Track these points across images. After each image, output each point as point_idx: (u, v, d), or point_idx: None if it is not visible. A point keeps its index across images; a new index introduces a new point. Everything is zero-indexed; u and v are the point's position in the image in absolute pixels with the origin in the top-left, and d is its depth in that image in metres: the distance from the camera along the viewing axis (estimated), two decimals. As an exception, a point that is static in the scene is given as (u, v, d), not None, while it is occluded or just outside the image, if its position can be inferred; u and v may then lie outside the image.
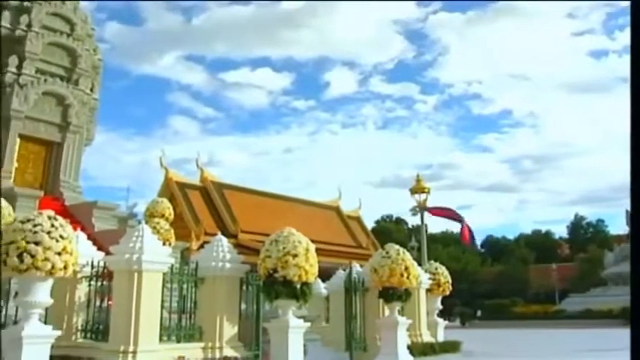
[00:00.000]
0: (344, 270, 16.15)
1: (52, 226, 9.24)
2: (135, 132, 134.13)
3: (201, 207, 34.96)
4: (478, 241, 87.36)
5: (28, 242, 8.92)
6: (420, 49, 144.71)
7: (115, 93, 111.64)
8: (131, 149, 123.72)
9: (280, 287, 11.67)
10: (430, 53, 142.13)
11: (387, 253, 14.97)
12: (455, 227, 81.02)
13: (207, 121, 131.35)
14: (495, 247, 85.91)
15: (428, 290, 19.07)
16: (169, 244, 14.60)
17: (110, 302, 10.87)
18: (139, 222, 15.96)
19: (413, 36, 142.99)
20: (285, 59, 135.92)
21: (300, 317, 12.29)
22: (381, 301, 15.01)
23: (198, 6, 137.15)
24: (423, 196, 29.47)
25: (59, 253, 9.09)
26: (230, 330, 11.80)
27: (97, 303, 11.30)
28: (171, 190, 34.71)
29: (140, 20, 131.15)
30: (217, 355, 11.42)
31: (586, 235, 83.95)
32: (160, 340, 10.58)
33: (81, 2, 25.04)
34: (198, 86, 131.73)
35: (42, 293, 9.16)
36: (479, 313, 55.97)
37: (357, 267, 15.92)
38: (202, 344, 11.42)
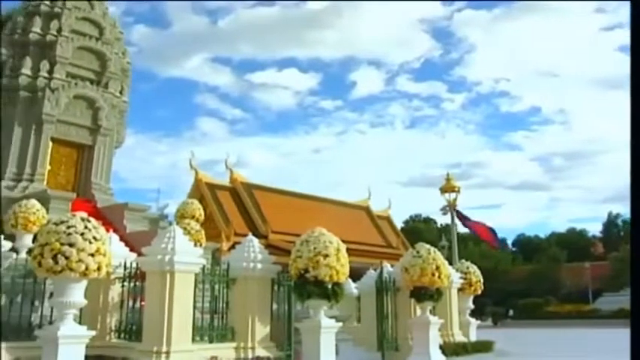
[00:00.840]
0: (375, 270, 16.09)
1: (86, 227, 9.32)
2: (164, 134, 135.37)
3: (231, 208, 35.10)
4: (509, 241, 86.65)
5: (62, 244, 9.01)
6: (446, 47, 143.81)
7: (144, 95, 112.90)
8: (160, 151, 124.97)
9: (312, 287, 11.68)
10: (457, 51, 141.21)
11: (418, 252, 14.88)
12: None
13: (235, 122, 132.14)
14: (527, 245, 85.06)
15: (459, 289, 18.92)
16: (200, 245, 14.64)
17: (143, 303, 10.92)
18: (170, 223, 16.06)
19: (439, 34, 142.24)
20: (311, 60, 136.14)
21: (331, 317, 12.26)
22: (412, 300, 14.93)
23: (223, 8, 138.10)
24: (453, 195, 29.29)
25: (93, 255, 9.17)
26: (262, 330, 11.80)
27: (130, 303, 11.37)
28: (201, 191, 34.92)
29: (166, 23, 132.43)
30: (250, 356, 11.43)
31: (620, 234, 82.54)
32: (193, 340, 10.62)
33: (109, 7, 25.32)
34: (226, 88, 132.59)
35: (76, 294, 9.26)
36: (511, 312, 55.38)
37: (387, 267, 15.84)
38: (235, 344, 11.45)
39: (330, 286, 11.79)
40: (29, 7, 23.06)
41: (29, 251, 11.09)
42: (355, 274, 14.96)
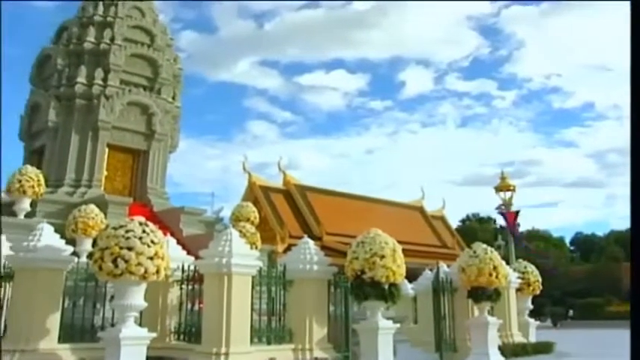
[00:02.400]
0: (431, 270, 15.91)
1: (144, 231, 9.45)
2: (216, 138, 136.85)
3: (285, 210, 35.26)
4: (567, 238, 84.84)
5: (121, 248, 9.16)
6: (494, 44, 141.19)
7: (195, 100, 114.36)
8: (213, 155, 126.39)
9: (368, 288, 11.63)
10: (505, 48, 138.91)
11: (475, 252, 14.66)
12: (541, 225, 79.17)
13: (286, 124, 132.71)
14: (584, 244, 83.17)
15: (517, 290, 18.55)
16: (256, 248, 14.73)
17: (201, 305, 11.01)
18: (226, 227, 16.20)
19: (487, 31, 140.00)
20: (358, 60, 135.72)
21: (388, 318, 12.17)
22: (470, 301, 14.70)
23: (269, 11, 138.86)
24: (509, 193, 28.81)
25: (151, 258, 9.29)
26: (319, 331, 11.78)
27: (189, 306, 11.48)
28: (255, 194, 35.18)
29: (214, 28, 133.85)
30: (307, 357, 11.44)
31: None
32: (251, 341, 10.67)
33: (158, 14, 25.72)
34: (274, 90, 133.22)
35: (136, 297, 9.41)
36: (571, 312, 54.10)
37: (444, 267, 15.64)
38: (292, 346, 11.46)
39: (386, 287, 11.72)
40: (83, 17, 23.60)
41: (89, 255, 11.30)
42: (411, 275, 14.80)
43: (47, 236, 10.75)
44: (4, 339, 9.93)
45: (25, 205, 17.65)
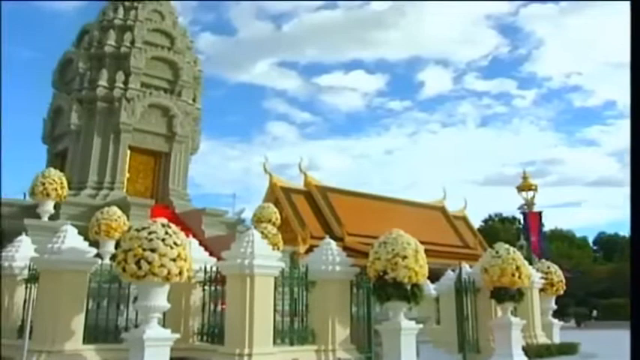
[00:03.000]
0: (453, 271, 15.82)
1: (166, 233, 9.49)
2: (236, 139, 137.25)
3: (306, 211, 35.34)
4: (590, 238, 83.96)
5: (144, 249, 9.21)
6: (513, 43, 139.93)
7: (214, 102, 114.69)
8: (233, 156, 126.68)
9: (391, 289, 11.59)
10: (525, 47, 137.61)
11: (497, 252, 14.56)
12: (564, 225, 78.39)
13: (305, 125, 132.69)
14: (607, 244, 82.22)
15: (541, 290, 18.38)
16: (277, 249, 14.74)
17: (224, 306, 11.04)
18: (247, 228, 16.21)
19: (505, 30, 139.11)
20: (377, 61, 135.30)
21: (411, 319, 12.12)
22: (492, 301, 14.58)
23: (287, 13, 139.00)
24: (531, 193, 28.63)
25: (174, 260, 9.34)
26: (342, 332, 11.76)
27: (212, 307, 11.51)
28: (276, 195, 35.28)
29: (232, 30, 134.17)
30: (330, 358, 11.45)
31: None
32: (274, 342, 10.68)
33: (178, 17, 25.86)
34: (293, 92, 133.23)
35: (160, 298, 9.46)
36: (594, 313, 53.52)
37: (466, 267, 15.54)
38: (315, 347, 11.47)
39: (409, 288, 11.67)
40: (104, 21, 23.77)
41: (113, 257, 11.38)
42: (433, 275, 14.75)
43: (71, 238, 10.86)
44: (31, 340, 10.00)
45: (49, 207, 17.80)
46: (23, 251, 12.12)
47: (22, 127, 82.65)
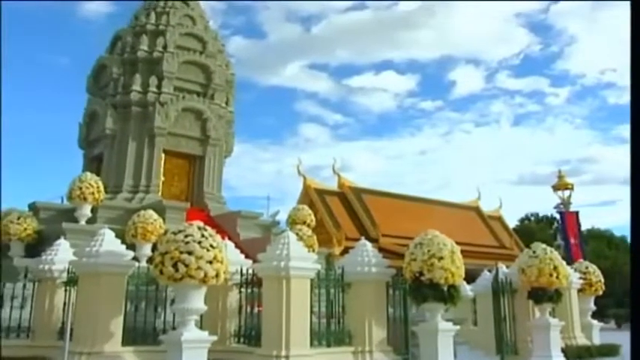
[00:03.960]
0: (489, 271, 15.64)
1: (202, 236, 9.53)
2: (269, 142, 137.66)
3: (341, 212, 35.36)
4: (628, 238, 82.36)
5: (181, 252, 9.26)
6: (545, 40, 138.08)
7: (246, 105, 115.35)
8: (266, 159, 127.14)
9: (427, 290, 11.51)
10: (556, 44, 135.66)
11: (534, 252, 14.38)
12: (601, 224, 77.04)
13: (337, 127, 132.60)
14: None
15: (579, 290, 18.07)
16: (313, 251, 14.74)
17: (260, 308, 11.06)
18: (282, 230, 16.24)
19: (536, 28, 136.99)
20: (407, 61, 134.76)
21: (447, 320, 12.02)
22: (530, 302, 14.41)
23: (316, 15, 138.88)
24: (567, 192, 28.26)
25: (210, 262, 9.37)
26: (379, 334, 11.69)
27: (248, 309, 11.54)
28: (310, 196, 35.36)
29: (262, 33, 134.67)
30: (367, 359, 11.34)
31: None
32: (311, 344, 10.64)
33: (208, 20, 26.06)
34: (325, 93, 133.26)
35: (197, 300, 9.50)
36: (635, 314, 52.45)
37: (503, 268, 15.36)
38: (352, 348, 11.40)
39: (445, 289, 11.57)
40: (136, 27, 24.06)
41: (150, 260, 11.48)
42: (469, 276, 14.58)
43: (109, 241, 10.97)
44: (71, 341, 10.14)
45: (86, 211, 18.06)
46: (62, 255, 12.29)
47: (59, 132, 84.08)
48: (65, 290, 11.82)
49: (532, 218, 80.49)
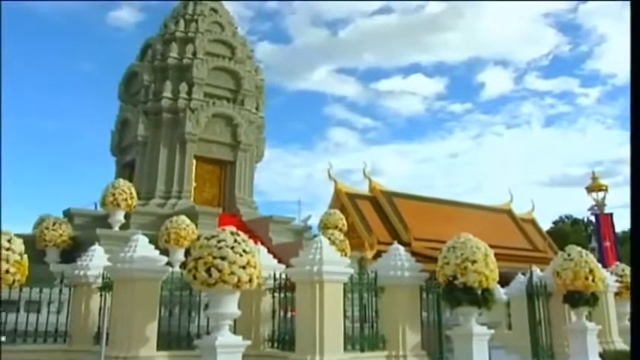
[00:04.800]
0: (523, 274, 15.46)
1: (235, 241, 9.56)
2: (299, 146, 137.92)
3: (372, 216, 35.24)
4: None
5: (214, 257, 9.30)
6: (574, 40, 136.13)
7: (275, 110, 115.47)
8: (296, 163, 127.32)
9: (461, 294, 11.41)
10: (586, 44, 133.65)
11: (569, 255, 14.16)
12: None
13: (366, 130, 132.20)
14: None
15: (616, 294, 17.75)
16: (345, 255, 14.72)
17: (293, 313, 11.05)
18: (314, 235, 16.23)
19: (565, 28, 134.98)
20: (435, 64, 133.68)
21: (482, 324, 11.90)
22: (566, 306, 14.18)
23: (342, 19, 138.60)
24: (601, 194, 27.83)
25: (244, 267, 9.39)
26: (413, 338, 11.61)
27: (282, 313, 11.54)
28: (342, 200, 35.31)
29: (288, 38, 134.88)
30: (401, 364, 11.29)
31: None
32: (345, 349, 10.62)
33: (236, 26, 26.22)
34: (353, 97, 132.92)
35: (231, 305, 9.54)
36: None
37: (537, 271, 15.17)
38: (386, 352, 11.34)
39: (479, 293, 11.46)
40: (166, 34, 24.32)
41: (183, 265, 11.54)
42: (502, 279, 14.43)
43: (143, 247, 11.06)
44: (107, 346, 10.24)
45: (119, 217, 18.27)
46: (97, 260, 12.41)
47: (91, 139, 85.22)
48: (100, 295, 11.96)
49: (566, 220, 79.39)
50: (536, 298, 14.39)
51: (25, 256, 10.15)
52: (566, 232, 64.94)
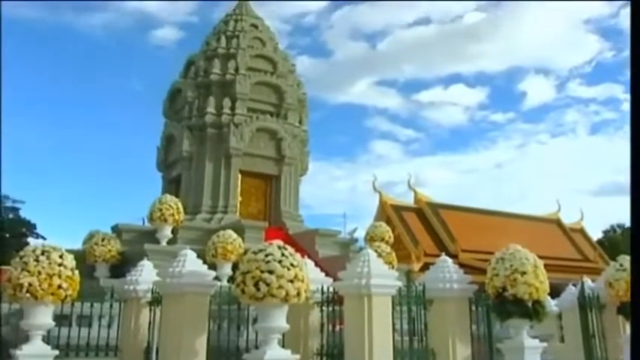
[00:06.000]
0: (574, 285, 15.14)
1: (282, 255, 9.56)
2: (342, 159, 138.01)
3: (418, 228, 35.08)
4: None
5: (262, 271, 9.31)
6: (617, 45, 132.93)
7: (317, 123, 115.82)
8: (339, 176, 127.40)
9: (511, 306, 11.19)
10: (629, 49, 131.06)
11: (621, 265, 13.77)
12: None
13: (409, 142, 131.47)
14: None
15: (672, 304, 17.25)
16: (392, 267, 14.62)
17: (342, 326, 11.00)
18: (361, 247, 16.16)
19: (607, 33, 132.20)
20: (475, 74, 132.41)
21: (533, 337, 11.67)
22: (620, 318, 13.80)
23: (380, 32, 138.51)
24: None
25: (292, 281, 9.38)
26: (463, 351, 11.43)
27: (330, 327, 11.49)
28: (387, 213, 35.28)
29: (328, 52, 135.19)
30: (452, 378, 11.12)
31: None
32: (394, 363, 10.52)
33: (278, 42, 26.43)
34: (394, 109, 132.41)
35: (279, 319, 9.53)
36: None
37: (588, 282, 14.82)
38: (436, 366, 11.20)
39: (530, 305, 11.24)
40: (208, 51, 24.66)
41: (231, 279, 11.60)
42: (552, 291, 14.13)
43: (191, 262, 11.14)
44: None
45: (167, 232, 18.49)
46: (145, 275, 12.54)
47: (137, 155, 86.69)
48: (150, 310, 12.07)
49: (617, 229, 77.42)
50: (588, 310, 14.05)
51: (77, 272, 10.32)
52: (617, 242, 63.33)
